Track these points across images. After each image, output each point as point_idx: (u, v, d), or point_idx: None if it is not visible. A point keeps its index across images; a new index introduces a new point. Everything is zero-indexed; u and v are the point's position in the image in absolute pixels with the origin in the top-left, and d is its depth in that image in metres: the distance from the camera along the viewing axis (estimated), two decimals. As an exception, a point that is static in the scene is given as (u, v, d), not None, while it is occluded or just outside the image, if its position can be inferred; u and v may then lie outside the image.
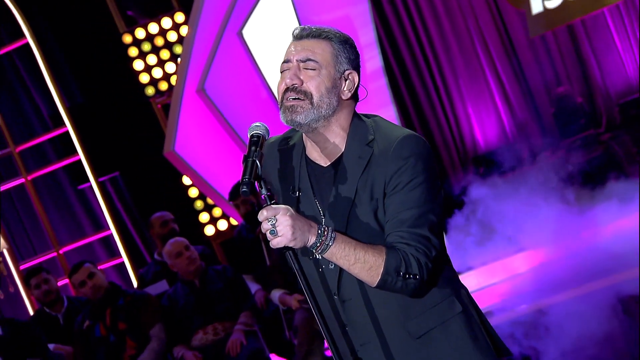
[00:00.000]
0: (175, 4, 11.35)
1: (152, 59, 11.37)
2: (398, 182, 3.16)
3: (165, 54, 11.37)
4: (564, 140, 11.45)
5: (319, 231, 3.07)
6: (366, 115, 3.35)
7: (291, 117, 3.21)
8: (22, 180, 11.70)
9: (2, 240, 9.40)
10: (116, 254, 11.55)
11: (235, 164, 10.27)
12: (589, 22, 12.48)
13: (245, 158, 3.10)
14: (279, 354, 8.29)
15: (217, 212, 11.47)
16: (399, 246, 3.12)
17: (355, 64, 3.33)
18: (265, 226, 3.04)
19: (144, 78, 11.38)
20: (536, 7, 11.85)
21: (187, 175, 10.90)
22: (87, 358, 8.15)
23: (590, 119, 12.08)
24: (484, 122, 12.99)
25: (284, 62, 3.28)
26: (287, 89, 3.23)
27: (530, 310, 8.45)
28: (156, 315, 8.09)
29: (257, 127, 3.17)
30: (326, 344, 3.51)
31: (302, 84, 3.21)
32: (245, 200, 8.77)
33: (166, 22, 11.35)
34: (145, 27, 11.36)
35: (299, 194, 3.30)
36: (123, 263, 11.37)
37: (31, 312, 10.77)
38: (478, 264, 9.80)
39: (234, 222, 11.06)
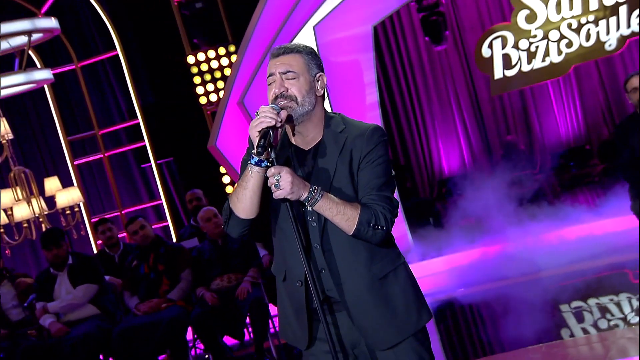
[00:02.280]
0: (230, 38, 11.36)
1: (207, 77, 11.39)
2: (369, 159, 3.16)
3: (217, 74, 11.38)
4: (508, 175, 11.50)
5: (311, 189, 3.08)
6: (331, 112, 3.35)
7: (287, 114, 3.17)
8: (100, 156, 11.81)
9: (81, 196, 9.53)
10: (163, 218, 11.62)
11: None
12: (536, 90, 12.54)
13: (264, 130, 3.05)
14: (275, 304, 8.21)
15: None
16: (370, 204, 3.13)
17: (321, 68, 3.28)
18: (271, 180, 3.04)
19: (200, 90, 11.42)
20: (498, 74, 11.82)
21: (223, 166, 10.81)
22: (132, 289, 8.20)
23: (529, 162, 12.11)
24: (449, 155, 13.02)
25: (269, 76, 3.23)
26: (276, 97, 3.18)
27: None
28: (187, 262, 8.13)
29: (274, 108, 3.11)
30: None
31: (288, 90, 3.17)
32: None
33: (221, 51, 11.39)
34: (205, 53, 11.41)
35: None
36: (168, 226, 11.49)
37: (94, 251, 10.93)
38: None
39: None
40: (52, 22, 9.13)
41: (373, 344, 3.23)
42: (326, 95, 3.33)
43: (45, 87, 11.38)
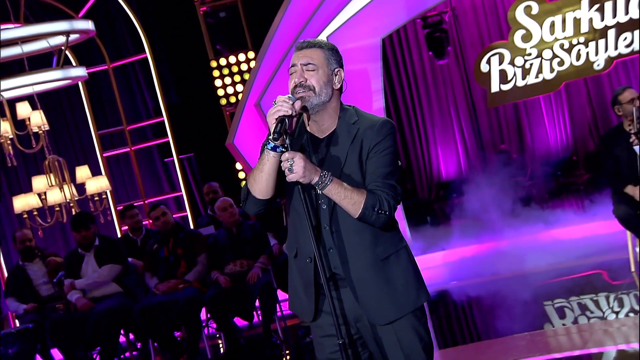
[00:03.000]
0: (249, 45, 11.37)
1: (227, 80, 11.40)
2: (378, 149, 3.17)
3: (237, 78, 11.38)
4: (501, 181, 11.49)
5: (322, 174, 3.07)
6: (346, 105, 3.33)
7: (303, 104, 3.18)
8: (127, 149, 11.81)
9: (108, 184, 9.56)
10: (183, 209, 11.60)
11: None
12: (529, 103, 12.54)
13: (280, 118, 3.06)
14: (282, 289, 8.19)
15: None
16: (376, 190, 3.13)
17: (340, 64, 3.27)
18: (285, 164, 3.04)
19: (220, 92, 11.41)
20: (494, 87, 11.78)
21: (239, 162, 10.82)
22: (152, 270, 8.24)
23: (520, 170, 12.09)
24: (447, 160, 13.03)
25: (291, 66, 3.22)
26: (296, 85, 3.17)
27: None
28: (203, 248, 8.16)
29: (290, 98, 3.11)
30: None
31: (307, 81, 3.16)
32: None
33: (241, 57, 11.40)
34: (227, 58, 11.40)
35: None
36: (186, 216, 11.47)
37: (119, 235, 10.97)
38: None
39: None
40: (88, 25, 9.17)
41: (374, 319, 3.24)
42: (343, 90, 3.30)
43: (80, 84, 11.40)
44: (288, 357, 7.64)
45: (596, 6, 11.33)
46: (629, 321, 6.13)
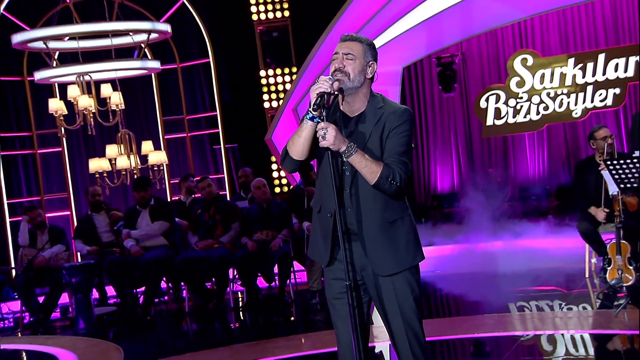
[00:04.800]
0: (294, 61, 11.42)
1: (272, 88, 11.48)
2: (397, 131, 3.15)
3: (280, 87, 11.44)
4: (485, 198, 11.43)
5: (349, 144, 3.05)
6: (375, 92, 3.29)
7: (338, 85, 3.15)
8: (184, 134, 11.90)
9: (166, 159, 9.62)
10: (223, 188, 11.66)
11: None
12: (516, 138, 12.48)
13: (320, 93, 3.04)
14: (298, 260, 8.21)
15: (284, 180, 11.58)
16: (391, 164, 3.11)
17: (375, 58, 3.23)
18: (320, 132, 3.02)
19: (265, 97, 11.47)
20: (489, 121, 11.82)
21: (274, 155, 10.89)
22: (194, 230, 8.27)
23: (502, 191, 11.95)
24: (443, 177, 12.98)
25: (335, 54, 3.19)
26: (335, 70, 3.15)
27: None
28: (238, 217, 8.20)
29: (330, 79, 3.08)
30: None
31: (345, 67, 3.14)
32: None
33: (286, 70, 11.48)
34: (274, 70, 11.48)
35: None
36: (225, 195, 11.45)
37: (169, 199, 11.12)
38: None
39: (289, 186, 11.22)
40: (166, 27, 9.25)
41: (377, 270, 3.23)
42: (374, 80, 3.28)
43: (153, 75, 11.51)
44: (296, 314, 7.65)
45: (580, 65, 11.40)
46: (575, 314, 6.16)
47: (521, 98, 11.68)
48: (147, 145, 9.33)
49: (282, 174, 11.52)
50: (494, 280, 7.88)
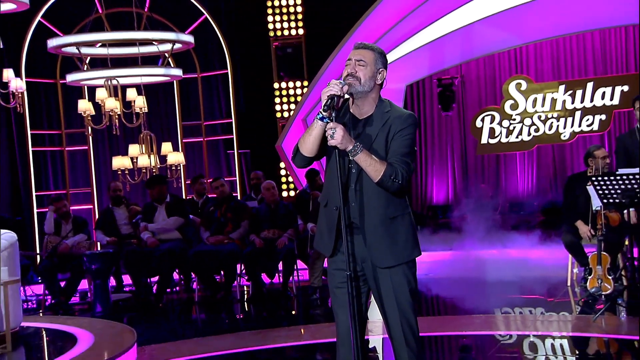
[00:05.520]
0: (305, 76, 11.45)
1: (284, 99, 11.52)
2: (401, 134, 3.15)
3: (292, 99, 11.48)
4: (477, 211, 11.41)
5: (355, 144, 3.05)
6: (384, 98, 3.27)
7: (349, 90, 3.15)
8: (201, 139, 11.89)
9: (183, 159, 9.63)
10: (235, 190, 11.58)
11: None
12: (508, 156, 12.45)
13: (331, 96, 3.05)
14: (301, 259, 8.23)
15: (291, 185, 11.58)
16: (394, 164, 3.10)
17: (385, 66, 3.22)
18: (329, 132, 3.02)
19: (277, 107, 11.52)
20: (484, 140, 11.80)
21: (283, 161, 10.94)
22: (206, 226, 8.29)
23: (493, 205, 11.89)
24: (439, 190, 12.93)
25: (348, 60, 3.19)
26: (348, 74, 3.15)
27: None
28: (247, 215, 8.21)
29: (340, 83, 3.09)
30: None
31: (356, 72, 3.14)
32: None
33: (297, 83, 11.52)
34: (287, 82, 11.52)
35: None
36: (237, 196, 11.45)
37: (184, 197, 11.14)
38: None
39: (296, 190, 11.20)
40: (190, 38, 9.29)
41: (376, 262, 3.22)
42: (383, 86, 3.27)
43: (175, 83, 11.55)
44: (297, 307, 7.64)
45: (570, 92, 11.42)
46: (556, 318, 6.15)
47: (514, 120, 11.68)
48: (166, 146, 9.35)
49: (290, 179, 11.51)
50: (482, 285, 7.87)
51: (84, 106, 8.80)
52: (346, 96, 3.21)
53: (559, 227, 8.27)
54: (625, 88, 11.09)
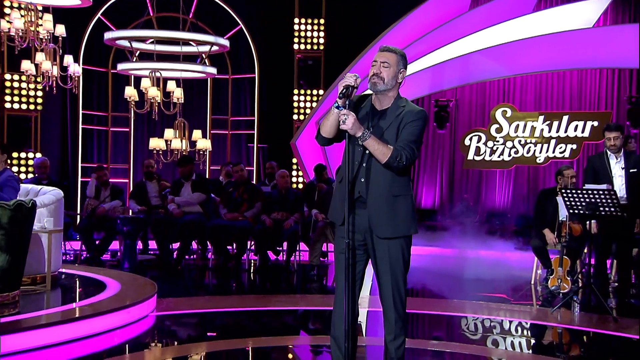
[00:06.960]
0: (322, 85, 11.44)
1: (301, 105, 11.52)
2: (411, 124, 3.12)
3: (308, 105, 11.47)
4: (459, 217, 11.40)
5: (364, 131, 3.05)
6: (401, 95, 3.25)
7: (374, 88, 3.16)
8: (226, 132, 11.96)
9: (210, 146, 9.65)
10: (251, 178, 11.66)
11: (317, 158, 10.31)
12: (489, 173, 12.36)
13: (346, 86, 3.03)
14: (303, 241, 8.19)
15: (300, 179, 11.47)
16: (399, 148, 3.08)
17: (405, 67, 3.21)
18: (342, 117, 3.01)
19: (295, 111, 11.47)
20: (470, 156, 11.78)
21: (295, 157, 10.94)
22: (225, 204, 8.24)
23: (473, 213, 11.94)
24: (427, 196, 12.84)
25: (374, 61, 3.17)
26: (373, 74, 3.15)
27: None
28: (261, 198, 8.20)
29: (356, 75, 3.05)
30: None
31: (381, 73, 3.14)
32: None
33: (314, 92, 11.49)
34: (305, 90, 11.52)
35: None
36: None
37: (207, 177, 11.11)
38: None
39: (304, 182, 11.10)
40: (226, 43, 9.33)
41: (377, 233, 3.19)
42: (402, 84, 3.26)
43: (208, 80, 11.59)
44: (296, 280, 7.64)
45: (547, 122, 11.43)
46: (519, 308, 6.13)
47: (498, 141, 11.68)
48: (197, 133, 9.37)
49: (300, 173, 11.47)
50: (458, 278, 7.84)
51: (130, 92, 8.83)
52: (368, 91, 3.21)
53: (528, 235, 8.28)
54: (596, 123, 11.10)
